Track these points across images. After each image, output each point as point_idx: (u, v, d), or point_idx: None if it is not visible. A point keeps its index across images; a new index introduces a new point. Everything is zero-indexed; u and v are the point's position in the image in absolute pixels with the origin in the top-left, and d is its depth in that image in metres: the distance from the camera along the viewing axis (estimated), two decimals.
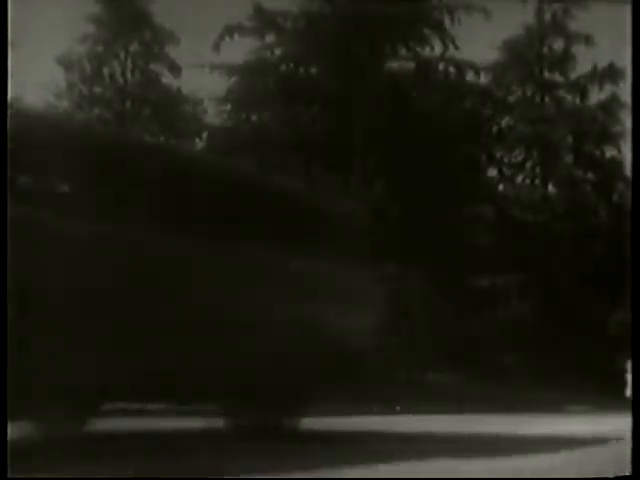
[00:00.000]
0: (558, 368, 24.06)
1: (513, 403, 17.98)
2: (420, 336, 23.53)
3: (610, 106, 28.69)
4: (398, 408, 15.30)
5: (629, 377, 21.99)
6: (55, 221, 6.34)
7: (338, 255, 8.83)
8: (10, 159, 5.45)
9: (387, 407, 15.36)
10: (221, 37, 25.16)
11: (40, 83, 25.27)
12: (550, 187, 29.78)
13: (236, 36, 25.45)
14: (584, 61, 28.83)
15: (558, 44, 29.38)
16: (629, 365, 22.50)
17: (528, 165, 29.81)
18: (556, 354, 24.93)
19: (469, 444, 8.39)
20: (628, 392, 21.94)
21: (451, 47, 25.95)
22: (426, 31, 26.19)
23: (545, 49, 29.61)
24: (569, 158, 29.60)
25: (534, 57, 29.61)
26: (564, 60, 29.32)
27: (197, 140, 27.58)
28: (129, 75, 27.20)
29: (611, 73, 28.26)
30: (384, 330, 9.79)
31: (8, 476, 4.74)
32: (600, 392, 21.96)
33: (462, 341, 23.93)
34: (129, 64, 27.19)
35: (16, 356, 5.37)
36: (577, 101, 29.56)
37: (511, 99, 29.73)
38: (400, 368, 23.68)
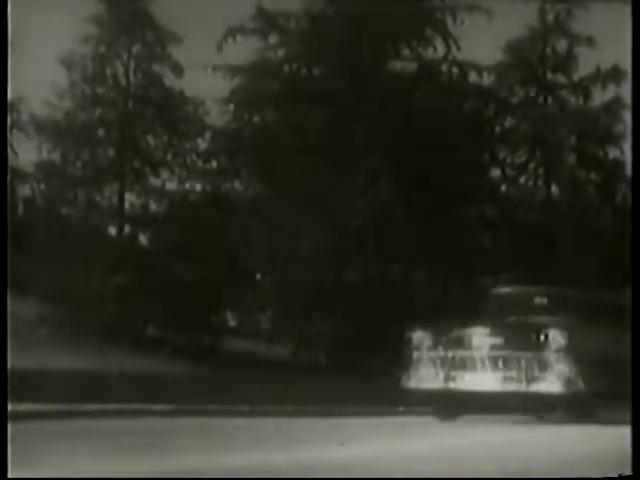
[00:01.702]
0: None
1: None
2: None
3: (613, 107, 28.64)
4: (401, 409, 15.26)
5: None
6: None
7: None
8: None
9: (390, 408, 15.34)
10: (224, 38, 25.19)
11: (42, 83, 25.26)
12: (553, 188, 29.75)
13: (239, 37, 25.48)
14: (587, 62, 28.78)
15: (561, 45, 29.34)
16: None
17: (531, 166, 29.76)
18: None
19: None
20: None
21: (454, 48, 26.00)
22: (429, 32, 26.20)
23: (548, 50, 29.57)
24: (572, 159, 29.56)
25: (537, 58, 29.56)
26: (567, 61, 29.28)
27: (200, 141, 27.60)
28: (132, 76, 27.20)
29: (614, 74, 28.21)
30: None
31: (8, 476, 4.74)
32: None
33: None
34: (132, 65, 27.18)
35: None
36: (580, 102, 29.51)
37: (514, 100, 29.68)
38: None
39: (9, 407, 6.18)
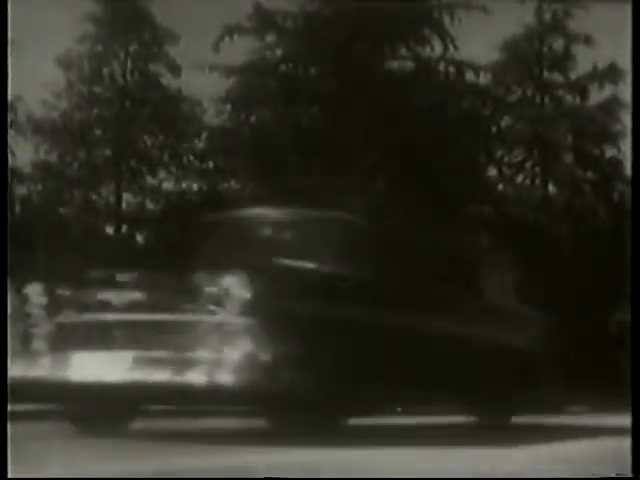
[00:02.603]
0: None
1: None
2: None
3: (610, 106, 28.67)
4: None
5: None
6: None
7: None
8: None
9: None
10: (220, 37, 25.16)
11: (39, 83, 25.27)
12: (550, 187, 29.78)
13: (236, 36, 25.46)
14: (584, 61, 28.81)
15: (558, 44, 29.35)
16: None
17: (528, 165, 29.77)
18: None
19: None
20: None
21: (451, 47, 25.98)
22: (426, 31, 26.18)
23: (545, 49, 29.57)
24: (569, 158, 29.58)
25: (534, 57, 29.58)
26: (564, 60, 29.29)
27: (196, 141, 27.59)
28: (129, 75, 27.20)
29: (611, 73, 28.24)
30: None
31: (8, 476, 4.73)
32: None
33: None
34: (129, 64, 27.19)
35: None
36: (577, 101, 29.53)
37: (511, 99, 29.69)
38: None
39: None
